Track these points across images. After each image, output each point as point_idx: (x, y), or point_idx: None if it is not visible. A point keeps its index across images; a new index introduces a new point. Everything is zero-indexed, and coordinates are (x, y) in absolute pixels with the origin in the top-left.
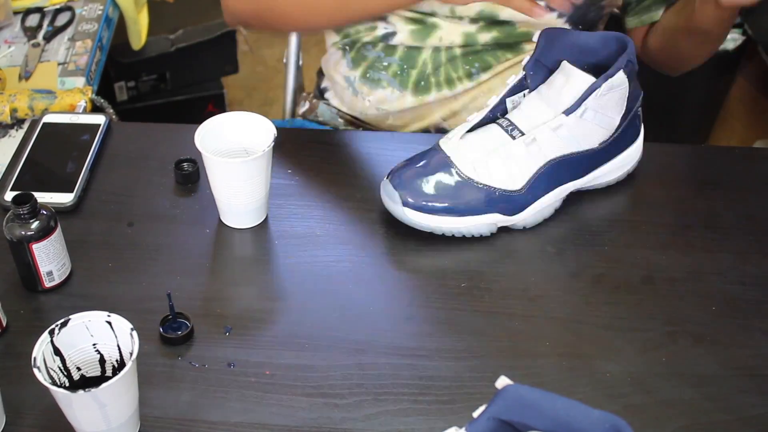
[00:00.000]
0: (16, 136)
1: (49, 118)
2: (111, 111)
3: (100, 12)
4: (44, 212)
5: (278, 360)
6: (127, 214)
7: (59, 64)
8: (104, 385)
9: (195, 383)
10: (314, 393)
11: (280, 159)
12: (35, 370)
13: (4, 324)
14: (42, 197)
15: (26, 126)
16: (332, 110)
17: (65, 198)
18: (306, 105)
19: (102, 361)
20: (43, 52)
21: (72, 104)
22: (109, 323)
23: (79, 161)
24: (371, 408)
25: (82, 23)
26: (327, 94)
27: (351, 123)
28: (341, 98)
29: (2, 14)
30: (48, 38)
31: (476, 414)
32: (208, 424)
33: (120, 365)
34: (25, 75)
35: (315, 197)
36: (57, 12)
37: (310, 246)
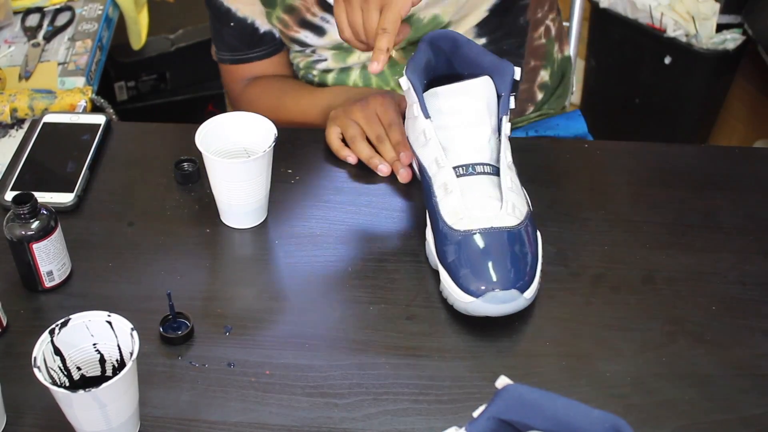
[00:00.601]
0: (16, 136)
1: (49, 118)
2: (111, 111)
3: (100, 12)
4: (44, 212)
5: (278, 360)
6: (127, 214)
7: (59, 64)
8: (104, 385)
9: (195, 383)
10: (314, 393)
11: (280, 159)
12: (35, 370)
13: (5, 324)
14: (42, 197)
15: (26, 126)
16: None
17: (65, 198)
18: None
19: (102, 361)
20: (43, 52)
21: (72, 104)
22: (110, 323)
23: (79, 161)
24: (371, 408)
25: (82, 23)
26: None
27: None
28: None
29: (2, 14)
30: (48, 38)
31: (476, 414)
32: (208, 424)
33: (120, 365)
34: (25, 75)
35: (315, 197)
36: (57, 12)
37: (310, 246)
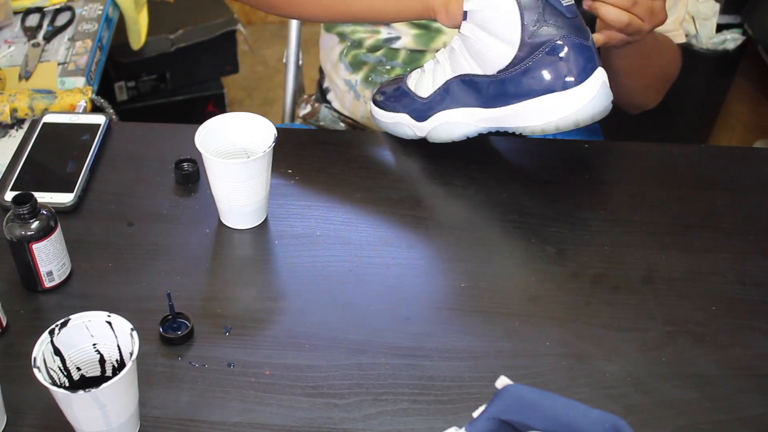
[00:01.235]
0: (16, 136)
1: (49, 118)
2: (111, 111)
3: (100, 12)
4: (44, 212)
5: (278, 360)
6: (127, 214)
7: (59, 64)
8: (104, 386)
9: (195, 383)
10: (314, 393)
11: (280, 159)
12: (35, 370)
13: (5, 324)
14: (42, 197)
15: (26, 126)
16: (334, 114)
17: (65, 198)
18: (308, 108)
19: (102, 361)
20: (43, 52)
21: (72, 104)
22: (109, 323)
23: (79, 161)
24: (371, 408)
25: (82, 23)
26: (329, 95)
27: (352, 128)
28: (342, 102)
29: (2, 14)
30: (48, 38)
31: (476, 414)
32: (208, 424)
33: (120, 365)
34: (25, 75)
35: (315, 197)
36: (57, 12)
37: (310, 246)
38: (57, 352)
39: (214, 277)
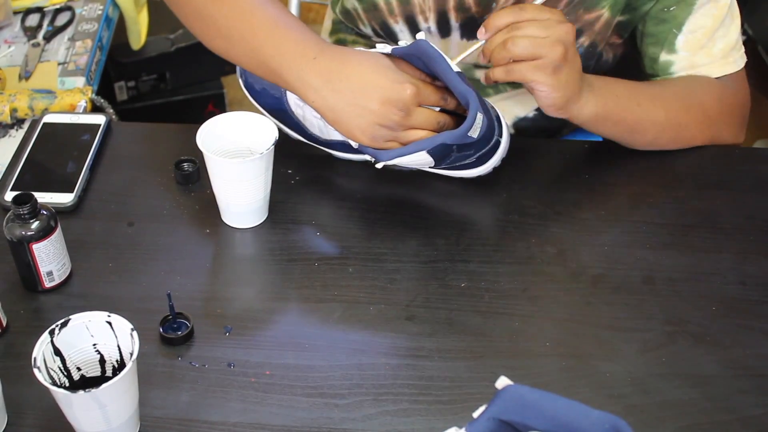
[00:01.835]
0: (16, 136)
1: (49, 118)
2: (111, 111)
3: (100, 12)
4: (44, 212)
5: (278, 360)
6: (127, 214)
7: (59, 64)
8: (104, 386)
9: (195, 383)
10: (314, 393)
11: (280, 159)
12: (35, 371)
13: (5, 324)
14: (42, 197)
15: (26, 126)
16: None
17: (65, 198)
18: None
19: (102, 362)
20: (43, 52)
21: (72, 104)
22: (110, 323)
23: (79, 161)
24: (371, 408)
25: (82, 23)
26: None
27: None
28: None
29: (2, 14)
30: (48, 38)
31: (476, 414)
32: (208, 424)
33: (120, 365)
34: (25, 75)
35: (315, 197)
36: (57, 12)
37: (310, 246)
38: (57, 352)
39: (214, 277)
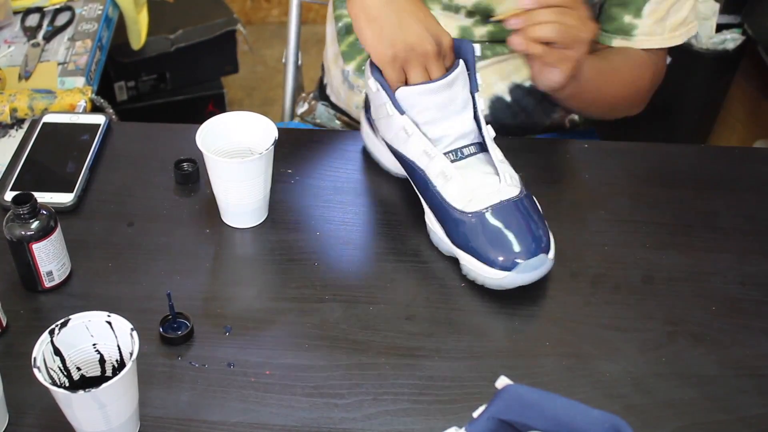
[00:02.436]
0: (16, 136)
1: (49, 118)
2: (111, 111)
3: (100, 12)
4: (44, 212)
5: (278, 360)
6: (127, 214)
7: (59, 64)
8: (104, 386)
9: (195, 383)
10: (314, 393)
11: (280, 159)
12: (35, 370)
13: (5, 324)
14: (42, 197)
15: (26, 126)
16: (330, 112)
17: (65, 198)
18: (305, 106)
19: (102, 361)
20: (43, 52)
21: (72, 104)
22: (109, 323)
23: (79, 161)
24: (371, 408)
25: (82, 23)
26: (327, 90)
27: (348, 126)
28: (338, 95)
29: (2, 14)
30: (48, 38)
31: (476, 414)
32: (208, 424)
33: (120, 365)
34: (25, 75)
35: (315, 197)
36: (57, 12)
37: (310, 246)
38: (57, 352)
39: (214, 277)
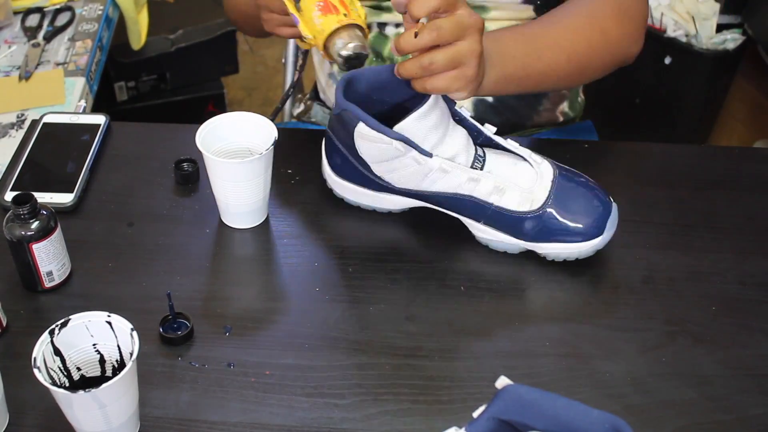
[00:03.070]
0: (16, 136)
1: (50, 118)
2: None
3: (100, 12)
4: (44, 212)
5: (278, 360)
6: (127, 214)
7: (58, 64)
8: (104, 386)
9: (195, 383)
10: (314, 393)
11: (280, 159)
12: (35, 371)
13: (5, 324)
14: (42, 197)
15: (26, 126)
16: (325, 111)
17: (65, 198)
18: (301, 106)
19: (102, 362)
20: (44, 53)
21: None
22: (109, 323)
23: (80, 161)
24: (371, 408)
25: (82, 23)
26: (321, 95)
27: None
28: (328, 97)
29: (2, 14)
30: (48, 38)
31: (476, 414)
32: (208, 424)
33: (120, 365)
34: (25, 75)
35: (315, 197)
36: (57, 12)
37: (310, 246)
38: (57, 352)
39: (214, 277)
